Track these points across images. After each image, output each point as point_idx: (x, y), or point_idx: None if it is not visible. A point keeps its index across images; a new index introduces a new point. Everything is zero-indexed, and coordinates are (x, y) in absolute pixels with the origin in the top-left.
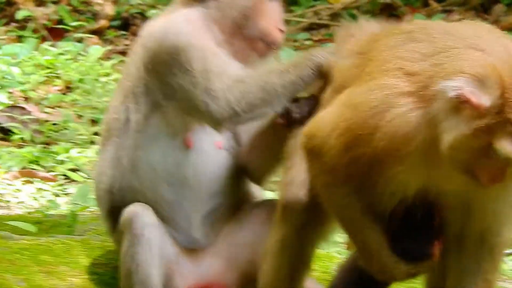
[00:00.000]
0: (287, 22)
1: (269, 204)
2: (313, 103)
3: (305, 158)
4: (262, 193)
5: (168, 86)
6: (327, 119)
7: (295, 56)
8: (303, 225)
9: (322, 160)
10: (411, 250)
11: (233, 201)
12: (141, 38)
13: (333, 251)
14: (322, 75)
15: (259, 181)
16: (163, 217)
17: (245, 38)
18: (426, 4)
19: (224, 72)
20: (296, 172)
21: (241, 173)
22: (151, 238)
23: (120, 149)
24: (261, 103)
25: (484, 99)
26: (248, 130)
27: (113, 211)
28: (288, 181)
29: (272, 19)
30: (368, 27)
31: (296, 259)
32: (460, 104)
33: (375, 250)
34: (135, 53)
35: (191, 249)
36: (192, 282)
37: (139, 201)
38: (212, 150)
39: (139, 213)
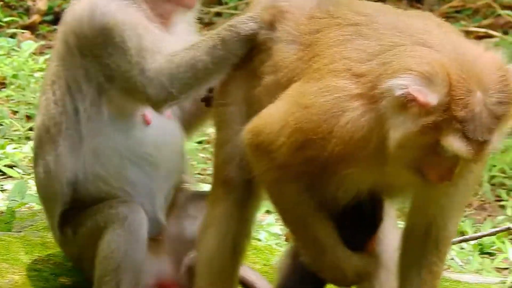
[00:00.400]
0: None
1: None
2: None
3: (250, 154)
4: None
5: (107, 68)
6: (276, 116)
7: (220, 28)
8: (243, 199)
9: (271, 156)
10: (346, 241)
11: (177, 182)
12: (67, 24)
13: (274, 243)
14: (250, 45)
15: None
16: (130, 200)
17: (170, 7)
18: None
19: (158, 50)
20: (231, 149)
21: (183, 149)
22: (145, 237)
23: (76, 141)
24: (194, 82)
25: (431, 97)
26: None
27: (74, 205)
28: (224, 159)
29: None
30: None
31: (238, 232)
32: (407, 103)
33: (328, 246)
34: (65, 42)
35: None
36: (151, 281)
37: (104, 190)
38: (165, 123)
39: (134, 210)
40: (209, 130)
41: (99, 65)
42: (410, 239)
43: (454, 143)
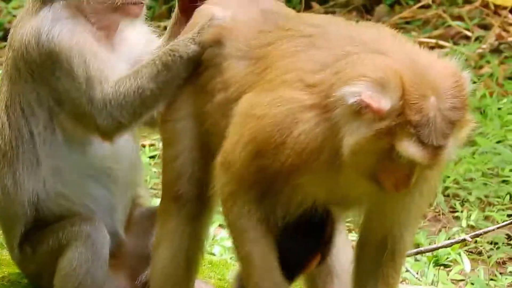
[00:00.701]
0: None
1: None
2: None
3: (217, 170)
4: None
5: (56, 92)
6: (232, 131)
7: (161, 52)
8: (195, 214)
9: (230, 171)
10: (289, 255)
11: (134, 195)
12: (15, 50)
13: (228, 258)
14: (194, 66)
15: None
16: (93, 213)
17: (113, 8)
18: (308, 6)
19: (105, 79)
20: (181, 165)
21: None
22: (107, 255)
23: (34, 163)
24: (142, 109)
25: (383, 102)
26: None
27: (35, 224)
28: (174, 175)
29: None
30: (244, 17)
31: (191, 247)
32: (360, 109)
33: (261, 268)
34: (15, 67)
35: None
36: None
37: (66, 207)
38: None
39: (97, 228)
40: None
41: (49, 89)
42: (365, 251)
43: (409, 148)
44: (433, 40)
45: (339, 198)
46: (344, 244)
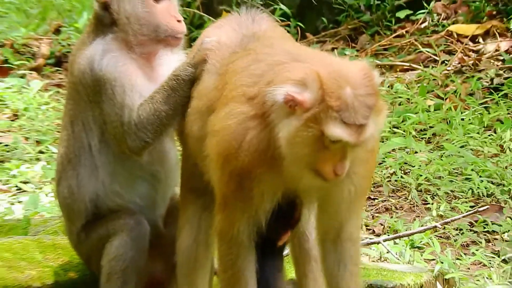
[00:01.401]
0: None
1: None
2: None
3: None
4: None
5: (102, 113)
6: (209, 150)
7: (167, 79)
8: (209, 203)
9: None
10: (268, 231)
11: (173, 192)
12: (74, 76)
13: None
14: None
15: None
16: (137, 210)
17: (155, 40)
18: (304, 36)
19: (134, 107)
20: (193, 165)
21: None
22: (147, 246)
23: (94, 168)
24: (162, 127)
25: (306, 95)
26: None
27: (94, 217)
28: (189, 173)
29: (167, 15)
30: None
31: (208, 228)
32: (289, 106)
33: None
34: (76, 90)
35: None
36: (147, 278)
37: (119, 203)
38: (165, 142)
39: (140, 222)
40: None
41: (99, 110)
42: (325, 241)
43: (335, 130)
44: (407, 64)
45: (294, 191)
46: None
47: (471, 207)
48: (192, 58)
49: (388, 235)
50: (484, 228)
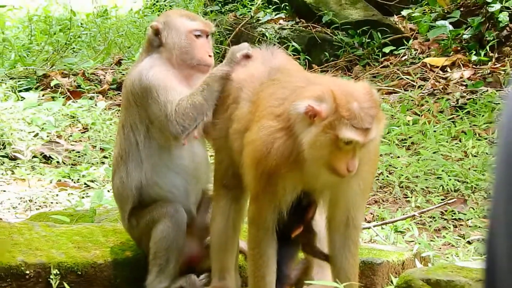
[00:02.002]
0: None
1: None
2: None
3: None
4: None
5: (149, 113)
6: (244, 158)
7: (205, 77)
8: (237, 196)
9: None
10: (284, 226)
11: (204, 187)
12: (126, 86)
13: None
14: (225, 82)
15: None
16: (174, 199)
17: (189, 65)
18: (310, 67)
19: (175, 101)
20: (225, 167)
21: (207, 163)
22: (185, 228)
23: (139, 162)
24: (197, 116)
25: (323, 107)
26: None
27: (139, 204)
28: (222, 173)
29: (202, 50)
30: (256, 72)
31: (236, 217)
32: (309, 117)
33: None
34: (127, 98)
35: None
36: (186, 255)
37: (158, 192)
38: (195, 142)
39: (178, 210)
40: None
41: (145, 112)
42: (331, 226)
43: (348, 133)
44: (391, 88)
45: (311, 188)
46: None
47: (442, 199)
48: (227, 60)
49: (377, 222)
50: (452, 216)
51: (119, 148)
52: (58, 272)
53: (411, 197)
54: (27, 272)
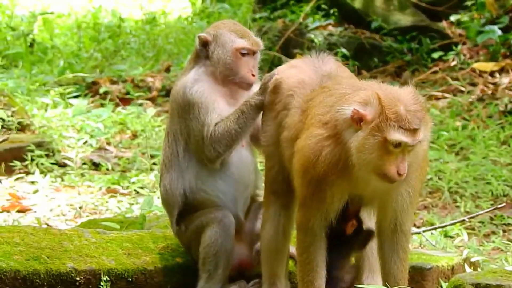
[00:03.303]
0: None
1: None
2: None
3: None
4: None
5: (187, 128)
6: (294, 165)
7: (241, 104)
8: (287, 203)
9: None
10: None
11: (252, 194)
12: (172, 96)
13: None
14: (261, 110)
15: None
16: (222, 205)
17: (233, 82)
18: (359, 73)
19: (212, 124)
20: (275, 173)
21: (254, 169)
22: (233, 233)
23: (182, 170)
24: (231, 143)
25: (368, 109)
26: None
27: (184, 209)
28: (272, 179)
29: (246, 68)
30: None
31: (286, 224)
32: (355, 121)
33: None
34: (172, 108)
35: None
36: (234, 261)
37: (205, 198)
38: (241, 151)
39: (226, 215)
40: None
41: (185, 125)
42: (382, 234)
43: (396, 135)
44: (440, 93)
45: (360, 194)
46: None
47: (491, 204)
48: (260, 89)
49: (426, 227)
50: (502, 221)
51: (164, 156)
52: (108, 279)
53: (461, 202)
54: (77, 278)
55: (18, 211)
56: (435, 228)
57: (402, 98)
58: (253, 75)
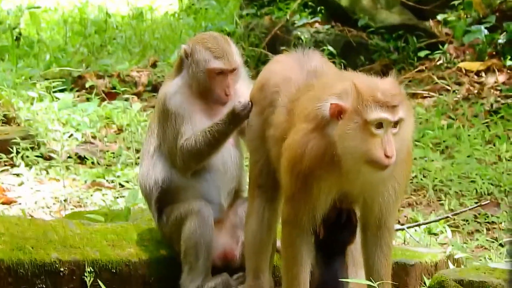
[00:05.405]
0: None
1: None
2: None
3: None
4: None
5: (164, 133)
6: (282, 162)
7: (217, 119)
8: (272, 196)
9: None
10: (339, 239)
11: (236, 187)
12: (157, 97)
13: None
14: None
15: None
16: (204, 193)
17: (208, 98)
18: (346, 70)
19: (185, 136)
20: (260, 167)
21: (241, 164)
22: (211, 223)
23: (155, 161)
24: (203, 157)
25: (346, 100)
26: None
27: (163, 200)
28: (257, 173)
29: (220, 88)
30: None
31: (270, 217)
32: (335, 116)
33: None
34: (155, 107)
35: (216, 223)
36: (218, 251)
37: (183, 186)
38: (230, 146)
39: (204, 206)
40: None
41: (163, 130)
42: (366, 230)
43: (375, 113)
44: (426, 92)
45: (347, 190)
46: None
47: (475, 203)
48: (228, 116)
49: (410, 224)
50: (485, 219)
51: (142, 148)
52: (92, 270)
53: (445, 200)
54: (61, 269)
55: (3, 203)
56: (419, 225)
57: (380, 85)
58: (227, 94)
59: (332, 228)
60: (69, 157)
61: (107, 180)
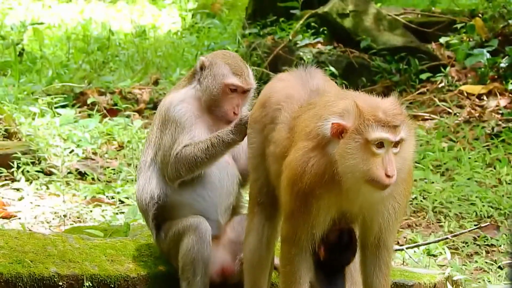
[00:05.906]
0: None
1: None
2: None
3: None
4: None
5: (161, 139)
6: (282, 180)
7: (213, 135)
8: (271, 214)
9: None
10: (341, 260)
11: (234, 203)
12: (159, 106)
13: None
14: (233, 146)
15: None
16: (201, 210)
17: (215, 114)
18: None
19: (181, 145)
20: (260, 185)
21: (238, 181)
22: (208, 240)
23: (151, 175)
24: (194, 168)
25: (347, 119)
26: (240, 151)
27: (161, 216)
28: (257, 190)
29: (230, 105)
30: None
31: (269, 235)
32: (336, 135)
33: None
34: (156, 116)
35: (213, 240)
36: (215, 267)
37: (180, 202)
38: (225, 163)
39: (201, 222)
40: None
41: (160, 137)
42: (365, 248)
43: (376, 133)
44: (427, 114)
45: (347, 210)
46: None
47: (475, 225)
48: (234, 127)
49: (410, 245)
50: (485, 242)
51: (141, 165)
52: (91, 285)
53: (444, 222)
54: (60, 283)
55: (3, 217)
56: (418, 246)
57: (382, 105)
58: (235, 113)
59: (333, 249)
60: (70, 172)
61: (107, 196)
